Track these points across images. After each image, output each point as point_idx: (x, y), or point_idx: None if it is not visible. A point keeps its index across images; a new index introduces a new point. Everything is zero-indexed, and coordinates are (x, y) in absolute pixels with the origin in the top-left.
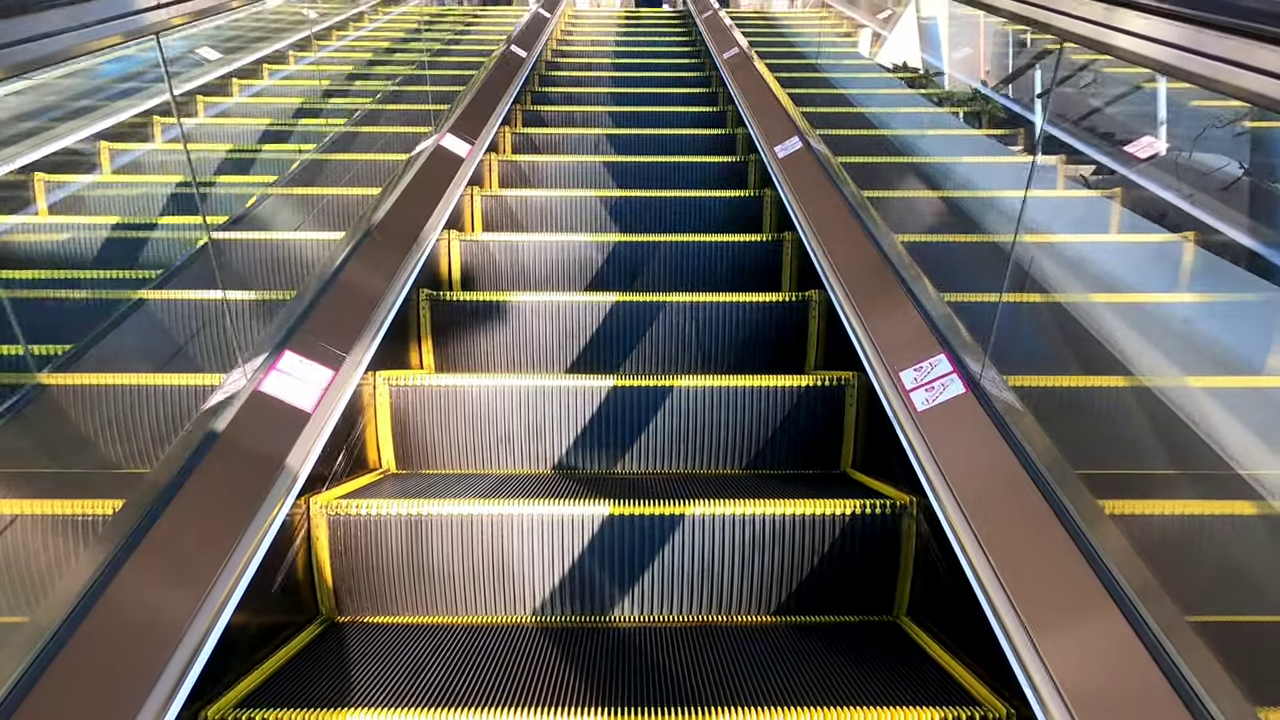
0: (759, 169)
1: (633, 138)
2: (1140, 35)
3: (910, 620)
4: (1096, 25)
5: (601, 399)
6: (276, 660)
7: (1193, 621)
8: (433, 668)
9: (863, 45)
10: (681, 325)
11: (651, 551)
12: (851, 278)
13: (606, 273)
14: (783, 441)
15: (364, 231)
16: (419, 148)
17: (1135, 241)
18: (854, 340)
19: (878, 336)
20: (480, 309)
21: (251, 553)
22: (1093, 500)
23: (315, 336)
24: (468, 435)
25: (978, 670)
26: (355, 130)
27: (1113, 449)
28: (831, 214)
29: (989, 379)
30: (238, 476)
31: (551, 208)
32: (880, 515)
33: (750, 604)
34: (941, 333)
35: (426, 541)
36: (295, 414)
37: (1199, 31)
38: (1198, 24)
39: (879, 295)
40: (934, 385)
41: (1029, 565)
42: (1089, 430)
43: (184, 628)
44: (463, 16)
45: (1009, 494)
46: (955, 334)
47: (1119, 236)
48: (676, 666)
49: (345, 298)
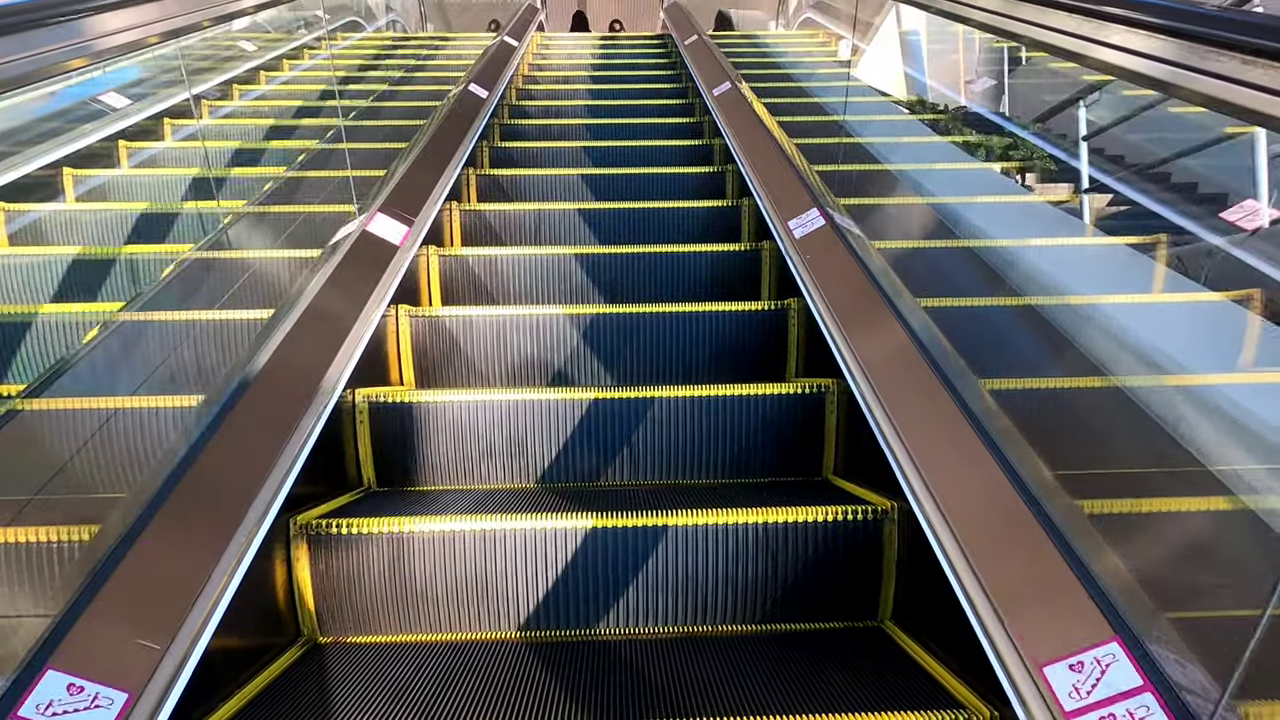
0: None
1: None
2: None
3: (894, 625)
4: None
5: (582, 412)
6: (256, 685)
7: (1173, 619)
8: (416, 687)
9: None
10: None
11: (634, 563)
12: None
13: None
14: (764, 449)
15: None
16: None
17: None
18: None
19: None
20: (458, 325)
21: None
22: (1072, 502)
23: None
24: (449, 451)
25: (961, 673)
26: (253, 211)
27: (1096, 452)
28: (894, 354)
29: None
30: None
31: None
32: (862, 521)
33: (734, 613)
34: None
35: (408, 559)
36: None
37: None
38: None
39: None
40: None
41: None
42: (1067, 437)
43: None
44: (404, 58)
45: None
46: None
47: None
48: (661, 678)
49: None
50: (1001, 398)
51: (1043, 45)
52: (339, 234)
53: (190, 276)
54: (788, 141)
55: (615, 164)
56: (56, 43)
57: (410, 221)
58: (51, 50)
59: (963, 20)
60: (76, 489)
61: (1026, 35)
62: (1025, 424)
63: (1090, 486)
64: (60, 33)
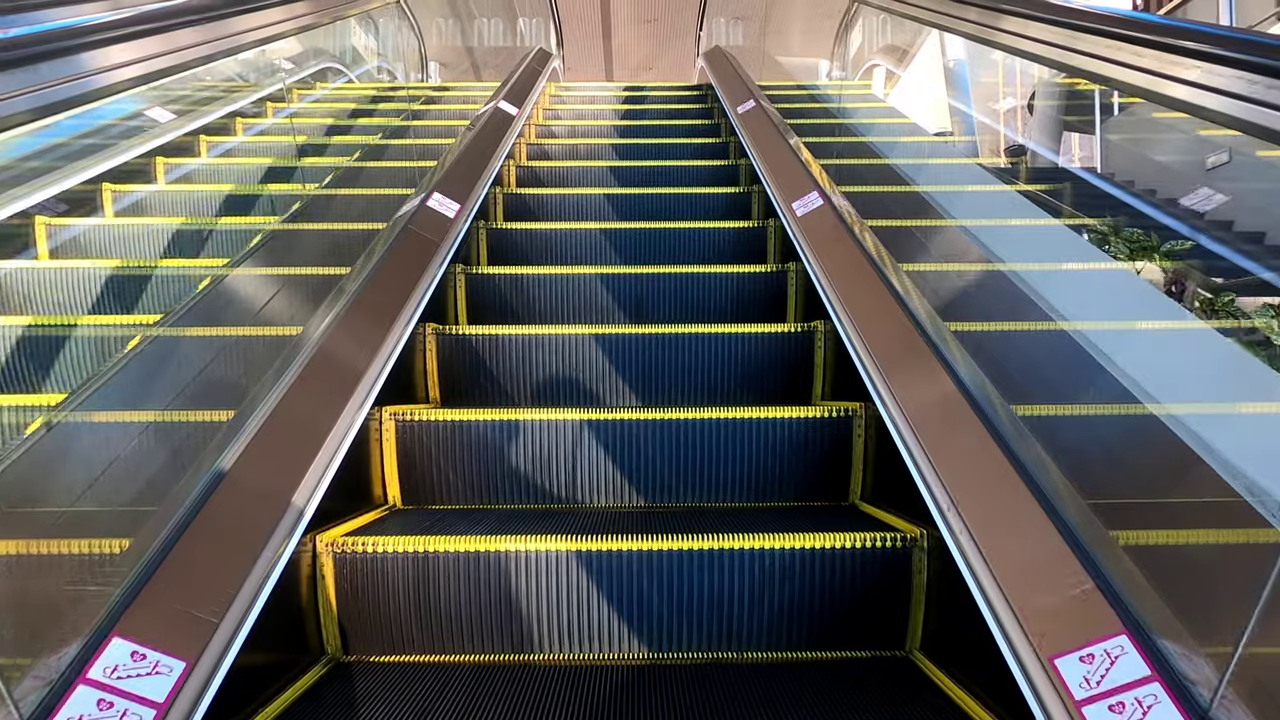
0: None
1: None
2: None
3: (923, 656)
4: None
5: (608, 433)
6: (280, 704)
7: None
8: (439, 709)
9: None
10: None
11: (659, 587)
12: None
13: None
14: (791, 473)
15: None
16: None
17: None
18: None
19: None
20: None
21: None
22: (1098, 522)
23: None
24: (474, 470)
25: (993, 707)
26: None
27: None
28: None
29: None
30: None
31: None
32: (890, 549)
33: (761, 639)
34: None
35: (432, 579)
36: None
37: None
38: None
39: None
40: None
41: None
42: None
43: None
44: (367, 130)
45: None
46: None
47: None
48: (686, 703)
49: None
50: (1033, 424)
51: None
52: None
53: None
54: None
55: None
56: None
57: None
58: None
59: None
60: (113, 495)
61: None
62: (1060, 450)
63: (1143, 518)
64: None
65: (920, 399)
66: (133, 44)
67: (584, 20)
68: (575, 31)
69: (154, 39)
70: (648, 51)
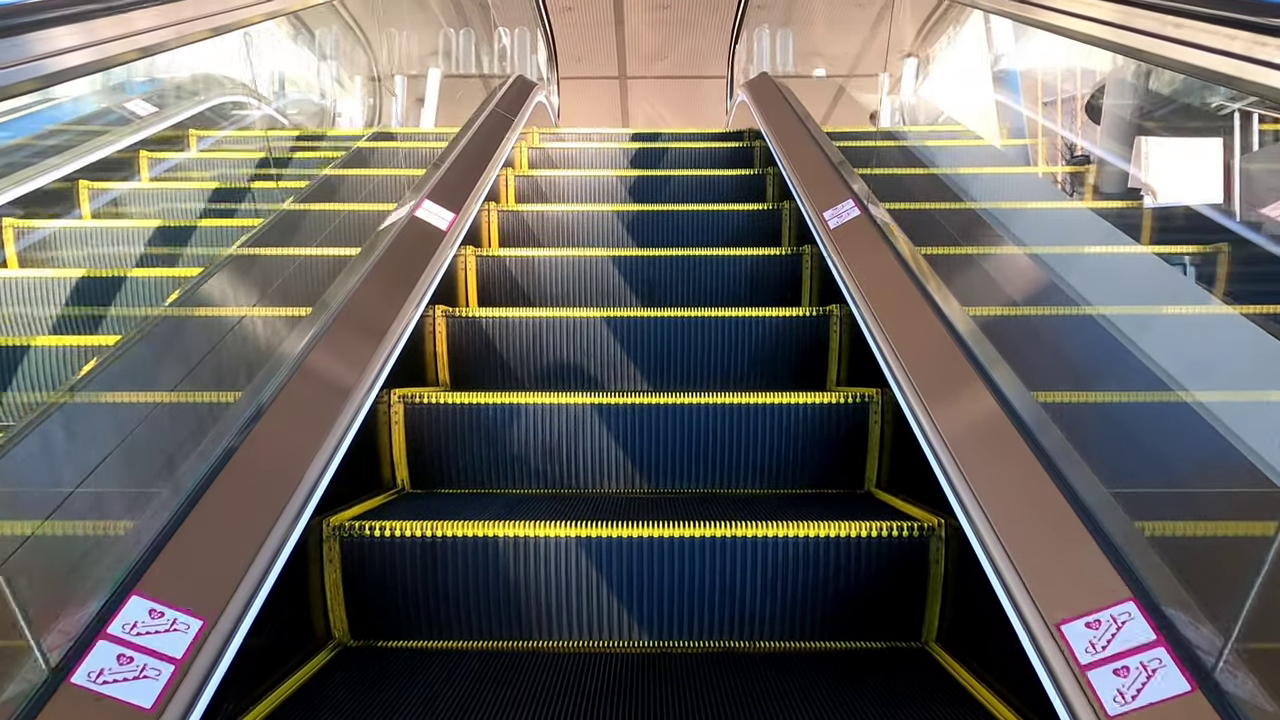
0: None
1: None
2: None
3: (939, 647)
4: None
5: (620, 417)
6: (287, 688)
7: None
8: (446, 695)
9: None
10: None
11: (671, 574)
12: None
13: None
14: (805, 460)
15: None
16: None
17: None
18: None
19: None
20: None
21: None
22: (1124, 514)
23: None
24: (483, 454)
25: (1011, 701)
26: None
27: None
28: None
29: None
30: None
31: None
32: (907, 538)
33: (773, 629)
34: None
35: (440, 564)
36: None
37: None
38: None
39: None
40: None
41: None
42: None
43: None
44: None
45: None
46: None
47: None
48: (697, 692)
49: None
50: (1057, 411)
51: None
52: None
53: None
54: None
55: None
56: None
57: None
58: None
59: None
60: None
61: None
62: (1088, 441)
63: (1170, 509)
64: None
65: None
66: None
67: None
68: (581, 20)
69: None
70: (668, 102)
